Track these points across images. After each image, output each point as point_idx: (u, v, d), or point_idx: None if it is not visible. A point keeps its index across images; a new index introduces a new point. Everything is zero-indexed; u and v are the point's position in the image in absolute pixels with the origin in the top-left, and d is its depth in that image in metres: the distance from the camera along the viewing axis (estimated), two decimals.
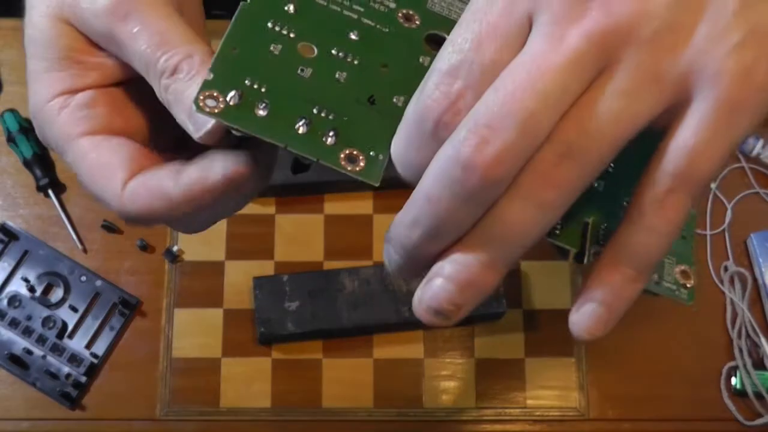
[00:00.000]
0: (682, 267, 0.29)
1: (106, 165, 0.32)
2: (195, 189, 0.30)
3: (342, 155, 0.27)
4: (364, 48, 0.30)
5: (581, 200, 0.27)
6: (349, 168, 0.27)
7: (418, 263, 0.27)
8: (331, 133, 0.28)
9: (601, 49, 0.24)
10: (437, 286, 0.26)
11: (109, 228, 0.76)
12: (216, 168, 0.30)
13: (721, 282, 0.77)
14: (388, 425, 0.73)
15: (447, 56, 0.25)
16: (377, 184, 0.28)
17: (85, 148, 0.32)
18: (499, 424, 0.74)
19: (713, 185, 0.79)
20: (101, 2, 0.32)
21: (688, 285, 0.29)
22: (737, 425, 0.73)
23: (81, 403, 0.73)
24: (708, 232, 0.78)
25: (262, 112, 0.28)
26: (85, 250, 0.76)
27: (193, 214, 0.31)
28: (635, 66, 0.24)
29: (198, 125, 0.30)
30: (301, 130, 0.27)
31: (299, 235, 0.77)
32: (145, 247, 0.76)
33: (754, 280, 0.77)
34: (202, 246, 0.77)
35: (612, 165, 0.29)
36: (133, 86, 0.34)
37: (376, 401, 0.74)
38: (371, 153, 0.28)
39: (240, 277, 0.76)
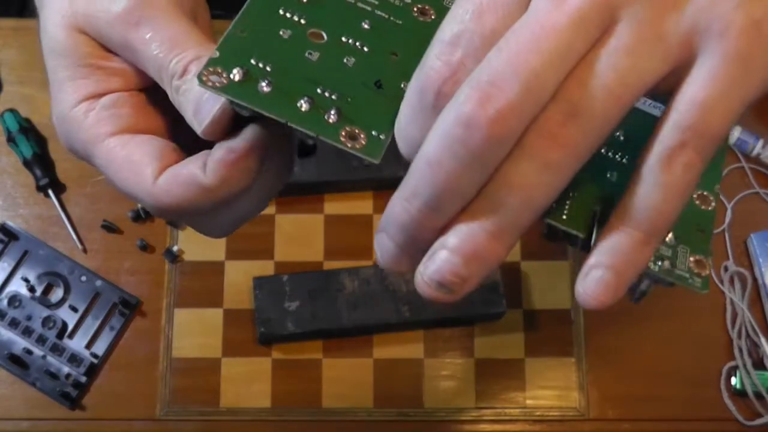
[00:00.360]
0: (697, 257, 0.28)
1: (136, 161, 0.32)
2: (224, 167, 0.30)
3: (343, 132, 0.27)
4: (375, 36, 0.30)
5: (593, 189, 0.27)
6: (349, 145, 0.27)
7: (416, 246, 0.26)
8: (333, 112, 0.27)
9: (604, 7, 0.24)
10: (441, 259, 0.25)
11: (109, 228, 0.76)
12: (238, 141, 0.30)
13: (721, 282, 0.77)
14: (388, 425, 0.73)
15: (448, 28, 0.25)
16: (378, 161, 0.27)
17: (114, 147, 0.33)
18: (499, 424, 0.74)
19: None
20: (115, 10, 0.32)
21: (703, 274, 0.28)
22: (737, 425, 0.73)
23: (81, 403, 0.73)
24: None
25: (265, 89, 0.28)
26: (85, 250, 0.76)
27: (223, 201, 0.31)
28: (638, 24, 0.24)
29: (201, 117, 0.30)
30: (303, 108, 0.28)
31: (299, 235, 0.77)
32: (145, 247, 0.76)
33: (754, 280, 0.77)
34: (202, 246, 0.77)
35: (626, 157, 0.29)
36: (154, 93, 0.34)
37: (376, 401, 0.74)
38: (373, 132, 0.27)
39: (240, 277, 0.76)
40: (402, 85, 0.28)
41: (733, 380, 0.74)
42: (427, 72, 0.25)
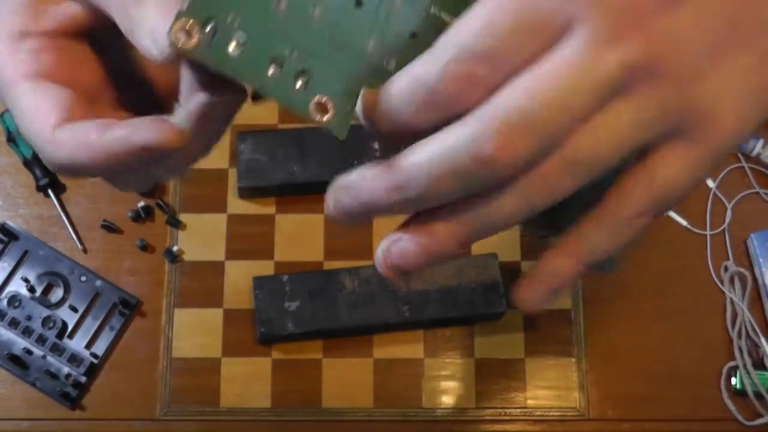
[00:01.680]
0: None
1: (39, 108, 0.32)
2: (116, 148, 0.30)
3: (312, 104, 0.28)
4: None
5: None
6: (317, 118, 0.28)
7: (375, 215, 0.28)
8: (300, 78, 0.28)
9: (629, 75, 0.25)
10: (409, 251, 0.28)
11: (109, 228, 0.76)
12: (140, 134, 0.29)
13: (721, 282, 0.77)
14: (388, 425, 0.73)
15: (481, 39, 0.25)
16: (343, 138, 0.28)
17: (24, 91, 0.33)
18: (499, 424, 0.74)
19: (713, 185, 0.79)
20: None
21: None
22: (737, 425, 0.73)
23: (81, 403, 0.73)
24: (708, 232, 0.78)
25: (234, 52, 0.27)
26: (85, 250, 0.76)
27: (117, 171, 0.31)
28: (654, 102, 0.25)
29: (160, 48, 0.29)
30: (271, 73, 0.28)
31: (299, 235, 0.77)
32: (145, 247, 0.76)
33: (754, 280, 0.77)
34: (202, 246, 0.77)
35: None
36: (93, 44, 0.34)
37: (376, 401, 0.74)
38: (338, 102, 0.28)
39: (240, 277, 0.76)
40: (365, 42, 0.28)
41: (733, 380, 0.74)
42: (446, 72, 0.25)
